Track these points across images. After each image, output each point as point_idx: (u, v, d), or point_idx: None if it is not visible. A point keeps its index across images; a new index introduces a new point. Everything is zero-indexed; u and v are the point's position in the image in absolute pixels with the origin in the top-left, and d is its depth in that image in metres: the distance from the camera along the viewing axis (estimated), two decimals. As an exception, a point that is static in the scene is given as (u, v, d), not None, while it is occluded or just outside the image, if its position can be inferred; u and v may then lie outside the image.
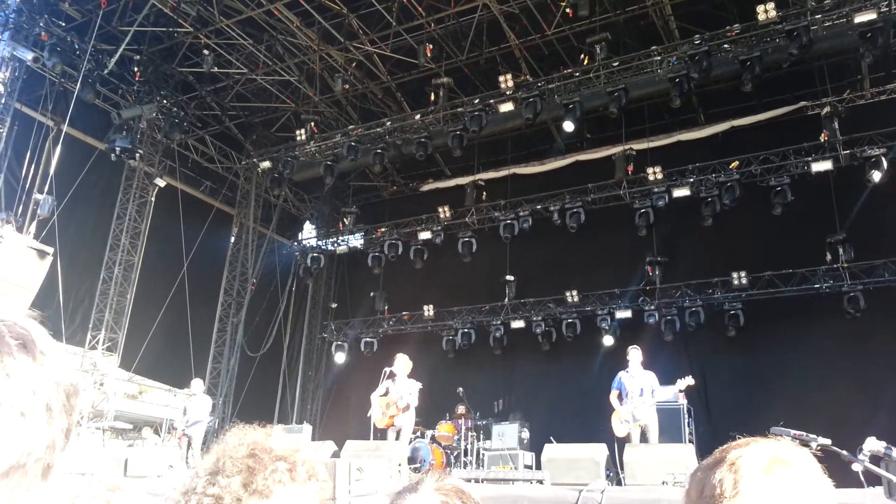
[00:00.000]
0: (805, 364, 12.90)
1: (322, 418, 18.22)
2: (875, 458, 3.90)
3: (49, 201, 12.58)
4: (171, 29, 14.42)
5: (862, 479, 4.30)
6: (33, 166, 13.40)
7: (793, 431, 4.36)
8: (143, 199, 15.66)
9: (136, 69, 14.76)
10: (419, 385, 9.56)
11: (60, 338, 13.56)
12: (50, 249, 11.71)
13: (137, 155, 15.09)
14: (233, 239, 18.07)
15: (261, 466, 1.07)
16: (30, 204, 12.74)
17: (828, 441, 4.16)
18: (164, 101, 15.20)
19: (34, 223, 12.42)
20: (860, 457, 3.85)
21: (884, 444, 3.89)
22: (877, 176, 12.38)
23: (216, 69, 15.08)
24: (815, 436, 4.29)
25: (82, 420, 12.99)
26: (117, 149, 14.51)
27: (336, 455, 8.98)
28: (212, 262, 17.36)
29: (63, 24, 13.78)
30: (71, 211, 13.90)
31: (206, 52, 14.41)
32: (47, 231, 12.76)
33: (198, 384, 11.77)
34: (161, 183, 15.79)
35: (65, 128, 13.08)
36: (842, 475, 4.70)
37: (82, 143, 14.65)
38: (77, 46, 13.80)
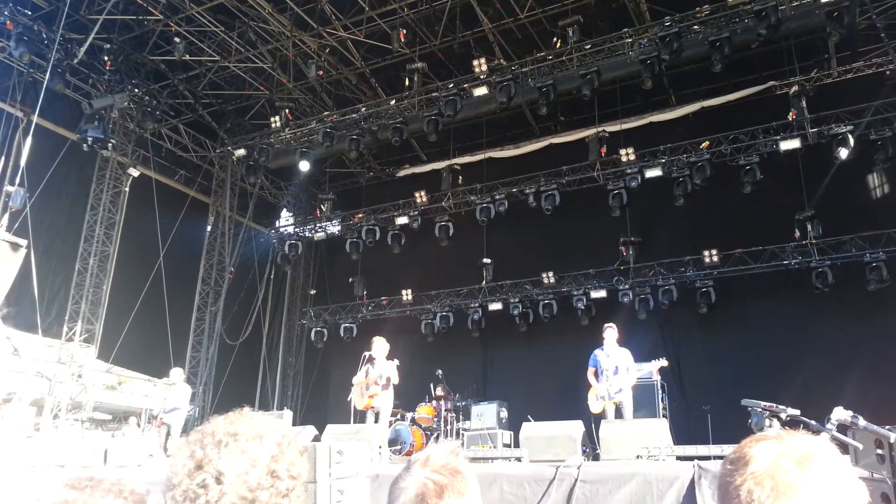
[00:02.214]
0: (775, 338, 13.19)
1: (303, 404, 18.30)
2: (842, 427, 4.06)
3: (21, 193, 12.44)
4: (140, 17, 14.24)
5: (830, 448, 4.46)
6: (3, 158, 13.23)
7: (763, 403, 4.53)
8: (117, 190, 15.52)
9: (106, 58, 14.54)
10: (397, 362, 9.68)
11: (36, 330, 13.48)
12: (23, 242, 11.56)
13: (110, 145, 14.93)
14: (209, 228, 17.98)
15: None
16: (1, 196, 12.59)
17: (797, 411, 4.32)
18: (136, 90, 15.01)
19: (6, 215, 12.26)
20: (828, 426, 4.00)
21: (850, 413, 4.05)
22: (844, 153, 12.63)
23: (188, 57, 14.95)
24: (784, 407, 4.46)
25: (60, 412, 12.97)
26: (89, 139, 14.35)
27: (317, 439, 9.07)
28: (188, 252, 17.28)
29: (29, 13, 13.54)
30: (44, 202, 13.76)
31: (177, 39, 14.25)
32: (20, 223, 12.61)
33: (177, 373, 11.78)
34: (135, 173, 15.64)
35: (35, 119, 12.91)
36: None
37: (53, 134, 14.47)
38: (45, 36, 13.58)
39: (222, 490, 1.24)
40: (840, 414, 4.05)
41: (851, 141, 12.59)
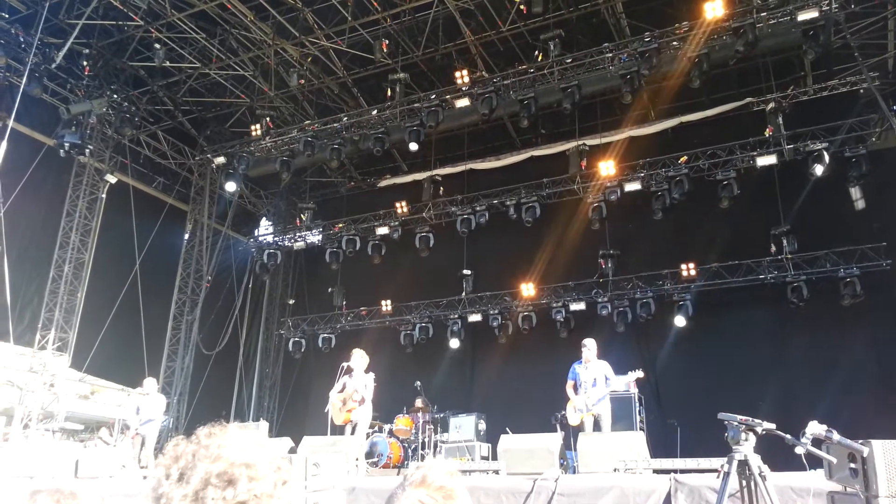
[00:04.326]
0: (751, 352, 13.31)
1: (279, 415, 18.12)
2: (817, 442, 4.07)
3: (-5, 198, 12.27)
4: (121, 22, 14.14)
5: (805, 461, 4.48)
6: (-22, 163, 13.02)
7: (739, 417, 4.53)
8: (94, 196, 15.34)
9: (85, 63, 14.41)
10: (373, 376, 9.61)
11: (8, 338, 13.24)
12: (-4, 248, 11.43)
13: (87, 151, 14.76)
14: (187, 236, 17.80)
15: None
16: (-26, 202, 12.40)
17: (772, 426, 4.33)
18: (115, 96, 14.90)
19: (-21, 221, 12.10)
20: (803, 440, 4.02)
21: (825, 427, 4.07)
22: (819, 170, 12.80)
23: (168, 63, 14.85)
24: (759, 421, 4.47)
25: (31, 421, 12.74)
26: (66, 144, 14.19)
27: (293, 451, 8.98)
28: (165, 260, 17.10)
29: (6, 16, 13.41)
30: (19, 208, 13.57)
31: (157, 45, 14.16)
32: (-7, 229, 12.45)
33: (151, 383, 11.61)
34: (112, 179, 15.47)
35: (10, 123, 12.74)
36: (786, 458, 4.91)
37: (30, 139, 14.30)
38: (22, 39, 13.46)
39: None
40: (815, 428, 4.07)
41: (826, 158, 12.77)
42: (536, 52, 14.00)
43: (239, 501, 1.24)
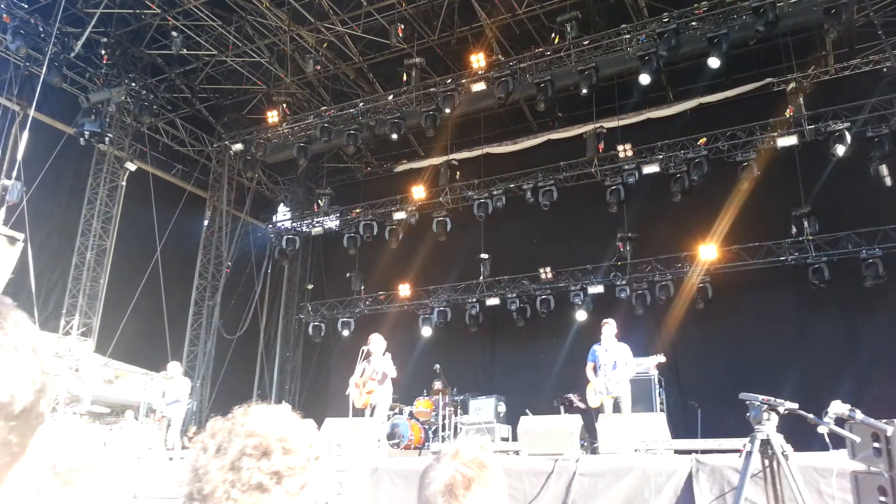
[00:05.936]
0: (772, 333, 13.26)
1: (301, 398, 18.32)
2: (840, 421, 4.07)
3: (18, 187, 12.41)
4: (138, 11, 14.22)
5: (828, 441, 4.48)
6: (0, 152, 13.20)
7: (761, 397, 4.54)
8: (114, 184, 15.49)
9: (103, 52, 14.54)
10: (389, 356, 9.69)
11: (33, 324, 13.44)
12: (20, 236, 11.53)
13: (107, 139, 14.91)
14: (206, 222, 17.95)
15: None
16: (-2, 190, 12.55)
17: (795, 405, 4.34)
18: (133, 84, 15.01)
19: (3, 209, 12.23)
20: (825, 420, 4.02)
21: (848, 406, 4.07)
22: (840, 150, 12.64)
23: (185, 51, 14.93)
24: (782, 400, 4.48)
25: (58, 405, 12.97)
26: (86, 133, 14.34)
27: (315, 433, 9.08)
28: (185, 246, 17.27)
29: (26, 6, 13.52)
30: (41, 197, 13.74)
31: (174, 33, 14.24)
32: (17, 217, 12.60)
33: (175, 367, 11.76)
34: (132, 167, 15.62)
35: (31, 112, 12.86)
36: (809, 438, 4.91)
37: (50, 128, 14.46)
38: (41, 29, 13.56)
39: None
40: (838, 408, 4.07)
41: (848, 138, 12.60)
42: (553, 35, 13.92)
43: (273, 471, 1.29)
